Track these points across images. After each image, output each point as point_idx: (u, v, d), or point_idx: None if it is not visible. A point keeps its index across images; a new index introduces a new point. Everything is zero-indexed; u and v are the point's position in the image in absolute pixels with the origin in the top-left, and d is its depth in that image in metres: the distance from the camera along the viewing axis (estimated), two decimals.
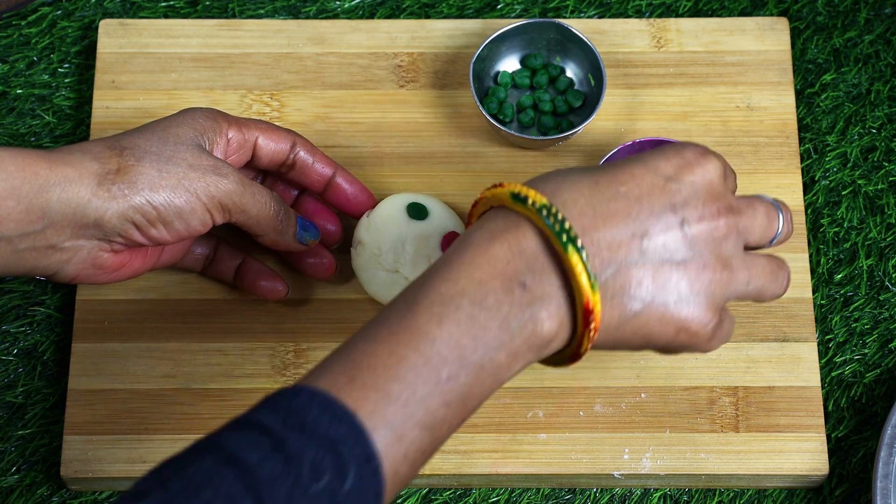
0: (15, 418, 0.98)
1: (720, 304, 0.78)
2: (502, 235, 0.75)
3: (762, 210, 0.81)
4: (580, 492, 0.97)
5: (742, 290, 0.79)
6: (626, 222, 0.76)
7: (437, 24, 1.07)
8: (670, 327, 0.77)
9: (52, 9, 1.09)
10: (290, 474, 0.67)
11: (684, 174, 0.78)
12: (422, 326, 0.73)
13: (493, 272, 0.74)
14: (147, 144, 0.88)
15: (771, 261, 0.81)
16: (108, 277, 0.90)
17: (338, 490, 0.68)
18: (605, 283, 0.75)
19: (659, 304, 0.76)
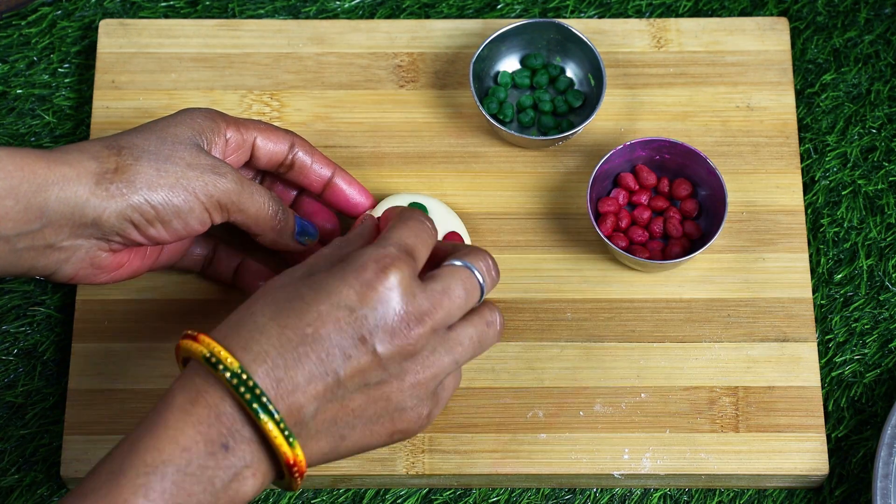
0: (15, 418, 0.98)
1: (429, 395, 0.81)
2: (202, 399, 0.77)
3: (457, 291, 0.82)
4: (580, 492, 0.97)
5: (454, 369, 0.83)
6: (318, 364, 0.78)
7: (437, 24, 1.07)
8: (382, 437, 0.81)
9: (52, 9, 1.09)
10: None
11: (368, 299, 0.79)
12: (128, 499, 0.74)
13: (195, 437, 0.76)
14: (145, 144, 0.88)
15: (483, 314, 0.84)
16: (106, 277, 0.90)
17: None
18: (307, 424, 0.78)
19: (366, 425, 0.80)
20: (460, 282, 0.82)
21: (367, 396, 0.79)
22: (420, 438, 0.96)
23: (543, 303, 0.99)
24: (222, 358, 0.77)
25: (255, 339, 0.78)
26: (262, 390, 0.76)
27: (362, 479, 0.96)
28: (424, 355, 0.81)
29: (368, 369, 0.79)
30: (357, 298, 0.79)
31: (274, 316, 0.79)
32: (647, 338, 0.98)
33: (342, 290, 0.79)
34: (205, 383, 0.77)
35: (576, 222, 1.01)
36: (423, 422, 0.82)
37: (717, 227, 0.97)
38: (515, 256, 1.00)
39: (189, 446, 0.76)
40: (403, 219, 0.84)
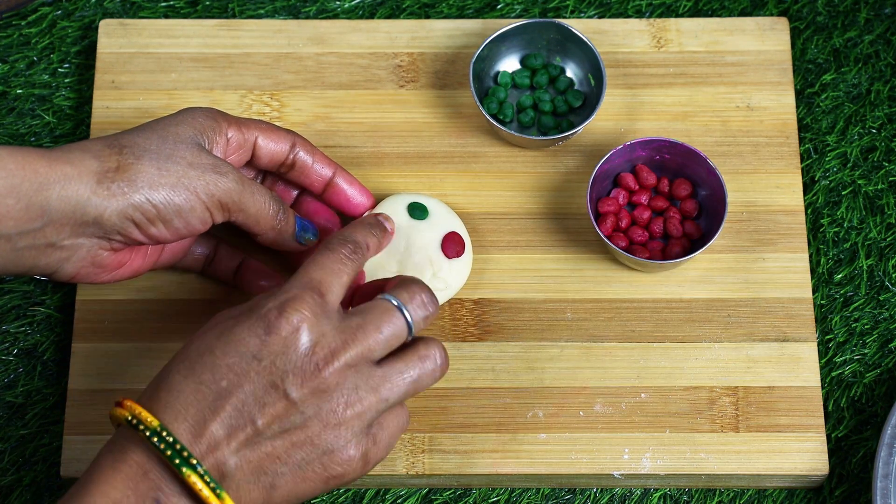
0: (15, 418, 0.98)
1: (358, 435, 0.80)
2: (129, 458, 0.78)
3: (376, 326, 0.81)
4: (580, 492, 0.97)
5: (385, 407, 0.81)
6: (234, 414, 0.78)
7: (437, 24, 1.07)
8: (316, 483, 0.80)
9: (52, 9, 1.09)
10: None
11: (272, 344, 0.79)
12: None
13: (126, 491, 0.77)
14: (147, 143, 0.88)
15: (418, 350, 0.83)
16: (107, 276, 0.90)
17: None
18: (233, 476, 0.78)
19: (295, 471, 0.79)
20: (382, 316, 0.82)
21: (289, 442, 0.79)
22: (420, 438, 0.96)
23: (543, 303, 0.99)
24: (143, 419, 0.78)
25: (174, 399, 0.79)
26: (183, 445, 0.77)
27: (362, 478, 0.96)
28: (343, 393, 0.80)
29: (284, 414, 0.79)
30: (261, 345, 0.79)
31: (188, 373, 0.79)
32: (647, 338, 0.98)
33: (248, 339, 0.80)
34: (130, 444, 0.78)
35: (576, 222, 1.01)
36: (358, 465, 0.81)
37: (717, 227, 0.97)
38: (515, 256, 1.00)
39: (120, 500, 0.77)
40: (319, 251, 0.84)
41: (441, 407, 0.97)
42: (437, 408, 0.97)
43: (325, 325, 0.80)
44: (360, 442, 0.81)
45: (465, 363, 0.97)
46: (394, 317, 0.83)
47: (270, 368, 0.79)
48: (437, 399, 0.97)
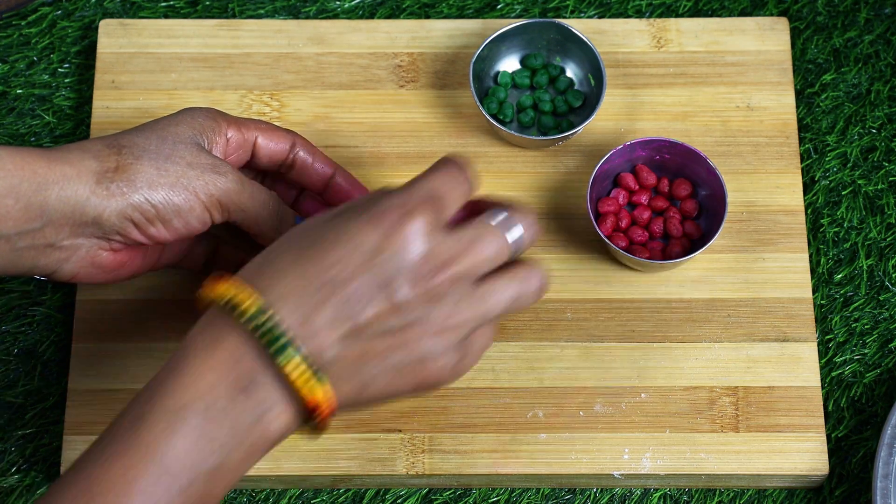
0: (15, 418, 0.98)
1: (455, 345, 0.80)
2: (221, 344, 0.76)
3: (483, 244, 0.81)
4: (580, 492, 0.97)
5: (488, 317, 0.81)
6: (340, 307, 0.77)
7: (437, 24, 1.07)
8: (408, 385, 0.79)
9: (52, 9, 1.09)
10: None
11: (389, 243, 0.78)
12: (150, 444, 0.74)
13: (215, 381, 0.75)
14: (146, 143, 0.88)
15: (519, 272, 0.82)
16: (107, 276, 0.90)
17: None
18: (330, 367, 0.77)
19: (389, 370, 0.78)
20: (488, 235, 0.81)
21: (389, 342, 0.78)
22: (420, 438, 0.96)
23: (543, 303, 0.99)
24: (241, 300, 0.76)
25: (276, 283, 0.77)
26: (282, 332, 0.76)
27: (362, 479, 0.96)
28: (448, 303, 0.79)
29: (389, 314, 0.78)
30: (378, 243, 0.78)
31: (295, 260, 0.78)
32: (647, 338, 0.98)
33: (364, 234, 0.78)
34: (224, 327, 0.77)
35: (576, 222, 1.01)
36: (450, 373, 0.80)
37: (717, 227, 0.97)
38: None
39: (208, 391, 0.75)
40: (436, 166, 0.82)
41: (441, 407, 0.97)
42: (437, 408, 0.97)
43: (440, 236, 0.79)
44: (454, 353, 0.80)
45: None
46: (499, 237, 0.81)
47: (382, 268, 0.78)
48: (437, 399, 0.97)
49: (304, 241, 0.79)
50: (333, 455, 0.95)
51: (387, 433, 0.96)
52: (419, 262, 0.78)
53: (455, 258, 0.79)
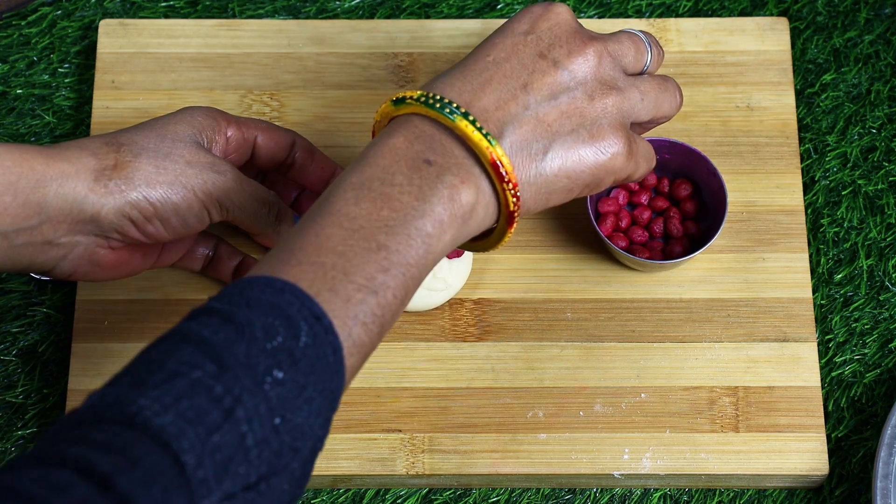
0: (15, 418, 0.98)
1: (622, 123, 0.82)
2: (396, 131, 0.78)
3: (625, 36, 0.84)
4: (580, 492, 0.97)
5: (639, 108, 0.83)
6: (504, 82, 0.80)
7: (437, 24, 1.07)
8: (586, 158, 0.81)
9: (52, 9, 1.09)
10: (243, 338, 0.69)
11: (539, 24, 0.82)
12: (341, 209, 0.75)
13: (395, 158, 0.77)
14: (145, 141, 0.88)
15: (656, 77, 0.85)
16: (105, 274, 0.90)
17: (294, 346, 0.70)
18: (506, 142, 0.78)
19: (564, 141, 0.80)
20: (625, 34, 0.84)
21: (557, 110, 0.80)
22: (420, 438, 0.96)
23: (543, 303, 0.99)
24: (407, 93, 0.78)
25: (440, 81, 0.80)
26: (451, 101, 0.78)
27: (362, 479, 0.96)
28: (604, 71, 0.81)
29: (553, 79, 0.80)
30: (528, 26, 0.81)
31: (455, 66, 0.81)
32: (647, 338, 0.98)
33: (513, 25, 0.82)
34: (396, 123, 0.79)
35: (576, 222, 1.01)
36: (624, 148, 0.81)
37: (717, 227, 0.97)
38: (515, 256, 1.00)
39: (389, 165, 0.77)
40: None
41: (441, 407, 0.97)
42: (437, 408, 0.97)
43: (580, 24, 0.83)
44: (622, 132, 0.82)
45: (465, 363, 0.98)
46: (642, 44, 0.85)
47: (538, 41, 0.81)
48: (437, 399, 0.97)
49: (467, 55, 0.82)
50: (333, 455, 0.95)
51: (387, 433, 0.96)
52: (571, 31, 0.82)
53: (602, 38, 0.83)
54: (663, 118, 0.86)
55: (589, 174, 0.81)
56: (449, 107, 0.77)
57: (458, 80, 0.79)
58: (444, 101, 0.78)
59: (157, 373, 0.67)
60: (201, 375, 0.67)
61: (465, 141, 0.78)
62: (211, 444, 0.66)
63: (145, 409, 0.66)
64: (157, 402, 0.66)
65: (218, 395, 0.67)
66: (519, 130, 0.79)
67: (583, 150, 0.80)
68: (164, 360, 0.68)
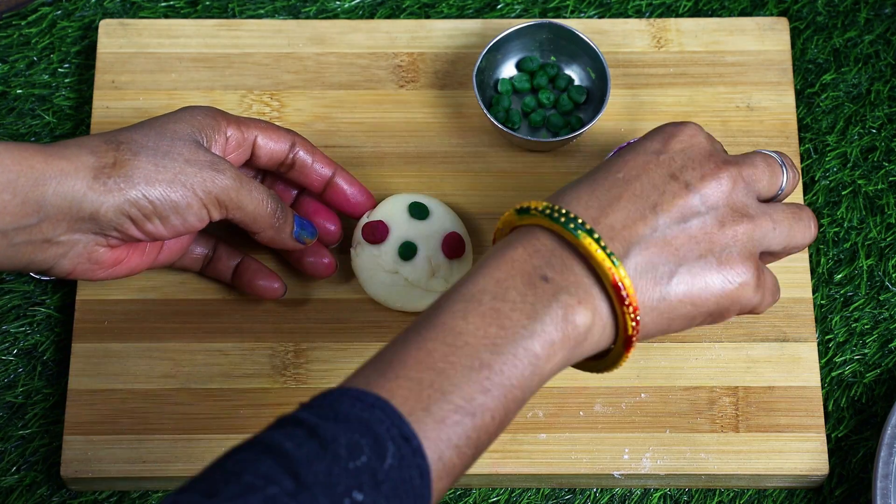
0: (15, 418, 0.98)
1: (752, 253, 0.79)
2: (517, 243, 0.76)
3: (760, 159, 0.82)
4: (580, 492, 0.97)
5: (770, 237, 0.80)
6: (633, 201, 0.77)
7: (437, 24, 1.07)
8: (713, 285, 0.78)
9: (52, 9, 1.09)
10: (326, 455, 0.67)
11: (672, 144, 0.80)
12: (447, 322, 0.73)
13: (511, 271, 0.75)
14: (144, 139, 0.88)
15: (790, 205, 0.83)
16: (104, 273, 0.90)
17: (378, 468, 0.68)
18: (631, 264, 0.76)
19: (691, 267, 0.78)
20: (761, 157, 0.82)
21: (686, 234, 0.77)
22: None
23: None
24: (533, 203, 0.77)
25: (567, 193, 0.78)
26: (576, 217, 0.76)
27: None
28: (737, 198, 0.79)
29: (684, 202, 0.78)
30: (661, 145, 0.80)
31: (584, 177, 0.79)
32: None
33: (645, 143, 0.80)
34: (517, 234, 0.77)
35: None
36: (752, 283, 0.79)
37: None
38: None
39: (504, 279, 0.75)
40: None
41: None
42: None
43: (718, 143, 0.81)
44: (751, 262, 0.79)
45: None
46: (775, 163, 0.83)
47: (670, 162, 0.79)
48: None
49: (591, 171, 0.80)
50: None
51: None
52: (704, 154, 0.80)
53: (736, 161, 0.80)
54: (795, 249, 0.84)
55: (714, 302, 0.79)
56: (574, 222, 0.75)
57: (586, 195, 0.77)
58: (570, 216, 0.75)
59: (234, 484, 0.66)
60: (277, 492, 0.65)
61: (587, 259, 0.76)
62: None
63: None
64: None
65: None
66: (645, 252, 0.77)
67: (710, 278, 0.78)
68: (241, 470, 0.67)
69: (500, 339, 0.73)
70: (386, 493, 0.68)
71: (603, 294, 0.76)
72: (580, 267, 0.76)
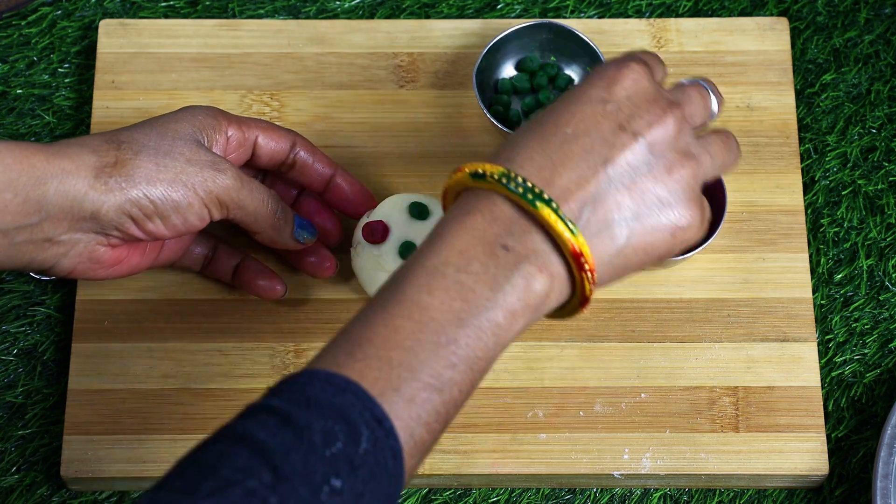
0: (15, 418, 0.98)
1: (696, 191, 0.80)
2: (475, 209, 0.77)
3: (695, 92, 0.83)
4: (580, 492, 0.97)
5: (709, 169, 0.82)
6: (584, 158, 0.78)
7: (437, 24, 1.07)
8: (664, 234, 0.79)
9: (52, 9, 1.09)
10: (302, 444, 0.68)
11: (616, 91, 0.80)
12: (412, 297, 0.74)
13: (473, 241, 0.76)
14: (145, 139, 0.88)
15: (719, 134, 0.84)
16: (105, 273, 0.90)
17: (353, 453, 0.68)
18: (586, 222, 0.77)
19: (645, 218, 0.78)
20: (694, 90, 0.83)
21: (637, 186, 0.78)
22: None
23: None
24: (488, 169, 0.77)
25: (517, 153, 0.78)
26: (531, 185, 0.76)
27: None
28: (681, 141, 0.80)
29: (633, 154, 0.78)
30: (606, 93, 0.79)
31: (531, 131, 0.79)
32: (647, 338, 0.98)
33: (589, 90, 0.80)
34: (475, 199, 0.77)
35: None
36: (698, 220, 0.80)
37: (717, 227, 0.97)
38: None
39: (466, 249, 0.75)
40: None
41: None
42: None
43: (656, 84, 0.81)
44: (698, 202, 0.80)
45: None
46: (707, 96, 0.84)
47: (617, 112, 0.79)
48: None
49: (536, 121, 0.80)
50: None
51: None
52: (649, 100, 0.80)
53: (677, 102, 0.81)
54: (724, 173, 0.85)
55: (665, 247, 0.80)
56: (531, 192, 0.76)
57: (538, 155, 0.77)
58: (527, 186, 0.76)
59: (211, 479, 0.66)
60: (256, 485, 0.66)
61: (545, 228, 0.76)
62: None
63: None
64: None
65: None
66: (600, 209, 0.77)
67: (662, 225, 0.79)
68: (218, 464, 0.67)
69: (464, 312, 0.74)
70: (363, 478, 0.68)
71: (561, 260, 0.77)
72: (538, 234, 0.76)
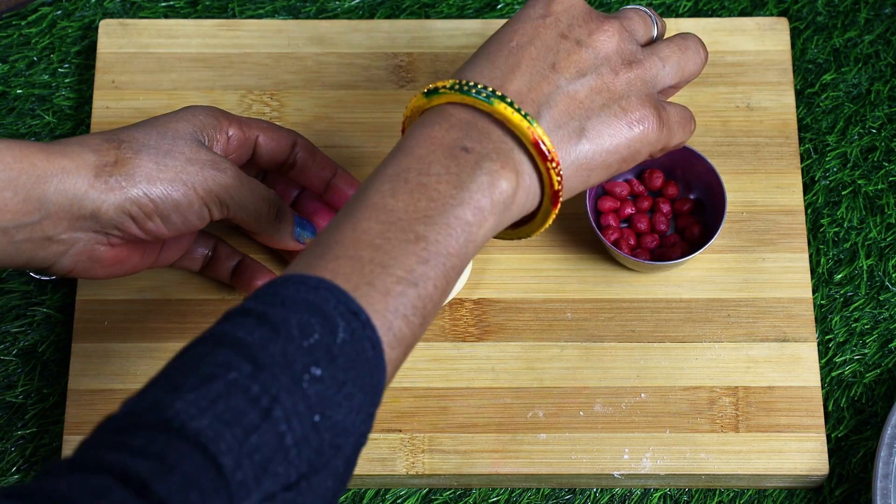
0: (15, 418, 0.98)
1: (649, 94, 0.83)
2: (431, 122, 0.78)
3: (632, 12, 0.86)
4: (580, 492, 0.97)
5: (662, 74, 0.84)
6: (532, 65, 0.80)
7: (437, 24, 1.07)
8: (620, 132, 0.81)
9: (52, 9, 1.09)
10: (279, 337, 0.69)
11: (553, 7, 0.83)
12: (377, 202, 0.75)
13: (432, 147, 0.77)
14: (145, 138, 0.88)
15: (675, 39, 0.86)
16: (105, 272, 0.90)
17: (331, 343, 0.70)
18: (544, 123, 0.79)
19: (597, 118, 0.81)
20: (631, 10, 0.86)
21: (587, 87, 0.81)
22: (420, 438, 0.96)
23: (543, 303, 0.99)
24: (440, 83, 0.79)
25: (468, 69, 0.80)
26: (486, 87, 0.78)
27: (362, 478, 0.96)
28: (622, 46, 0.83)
29: (579, 58, 0.81)
30: (544, 9, 0.82)
31: (478, 54, 0.82)
32: (647, 338, 0.98)
33: (528, 10, 0.83)
34: (430, 113, 0.79)
35: (575, 222, 1.01)
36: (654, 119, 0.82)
37: (717, 227, 0.97)
38: (515, 256, 1.00)
39: (425, 155, 0.77)
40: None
41: (441, 407, 0.97)
42: (437, 408, 0.97)
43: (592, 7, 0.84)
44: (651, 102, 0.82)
45: (465, 363, 0.98)
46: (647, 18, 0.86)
47: (556, 23, 0.82)
48: (437, 399, 0.97)
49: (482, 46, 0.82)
50: None
51: (387, 433, 0.96)
52: (586, 10, 0.83)
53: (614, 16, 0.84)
54: (691, 77, 0.87)
55: (625, 148, 0.82)
56: (485, 91, 0.78)
57: (487, 67, 0.80)
58: (479, 87, 0.78)
59: (193, 376, 0.67)
60: (237, 376, 0.67)
61: (503, 124, 0.78)
62: (249, 445, 0.66)
63: (181, 412, 0.65)
64: (193, 405, 0.66)
65: (255, 395, 0.67)
66: (554, 110, 0.80)
67: (616, 125, 0.81)
68: (199, 363, 0.68)
69: (430, 210, 0.75)
70: (342, 366, 0.69)
71: (524, 155, 0.78)
72: (498, 133, 0.78)
